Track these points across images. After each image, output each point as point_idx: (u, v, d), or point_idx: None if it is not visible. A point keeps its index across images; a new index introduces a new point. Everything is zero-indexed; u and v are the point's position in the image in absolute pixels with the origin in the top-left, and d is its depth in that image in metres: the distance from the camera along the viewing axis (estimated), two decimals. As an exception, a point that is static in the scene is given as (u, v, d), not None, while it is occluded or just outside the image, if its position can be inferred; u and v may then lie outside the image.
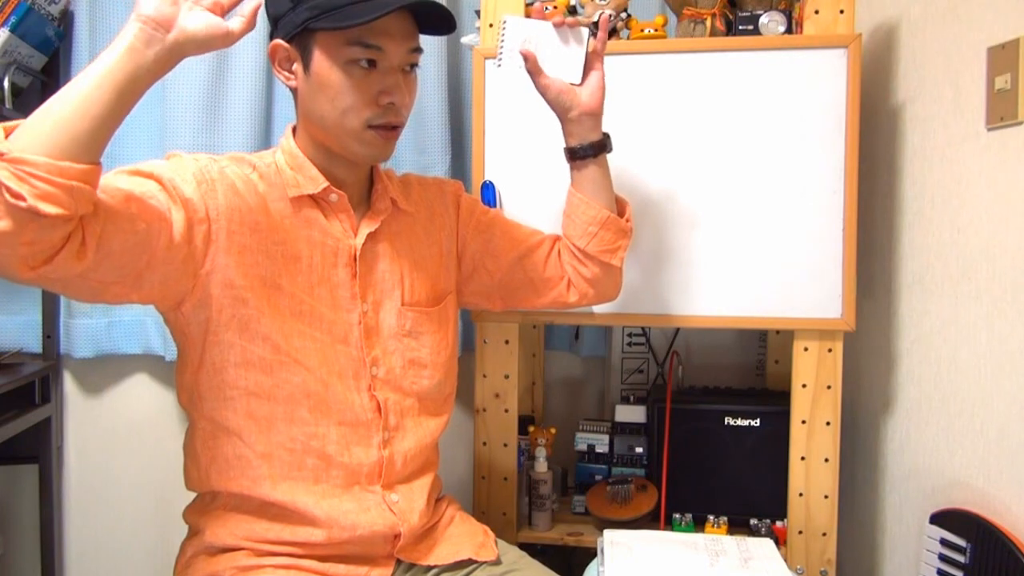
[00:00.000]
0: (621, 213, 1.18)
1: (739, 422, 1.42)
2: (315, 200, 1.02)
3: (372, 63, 0.96)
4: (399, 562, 1.07)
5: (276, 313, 0.97)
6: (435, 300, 1.13)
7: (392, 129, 1.00)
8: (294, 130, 1.05)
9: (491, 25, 1.35)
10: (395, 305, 1.07)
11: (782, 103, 1.27)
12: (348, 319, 1.03)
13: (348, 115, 0.96)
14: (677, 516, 1.42)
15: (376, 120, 0.97)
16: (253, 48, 1.62)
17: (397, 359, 1.07)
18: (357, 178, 1.07)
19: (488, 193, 1.33)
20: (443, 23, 1.01)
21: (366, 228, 1.05)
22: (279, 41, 0.99)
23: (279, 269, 0.98)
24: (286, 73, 1.01)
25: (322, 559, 1.01)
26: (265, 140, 1.66)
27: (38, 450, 1.71)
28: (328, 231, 1.02)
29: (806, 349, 1.31)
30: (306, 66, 0.97)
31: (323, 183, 1.01)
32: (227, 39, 0.83)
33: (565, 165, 1.32)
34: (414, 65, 1.01)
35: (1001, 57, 1.07)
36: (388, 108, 0.97)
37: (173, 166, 0.93)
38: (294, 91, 1.01)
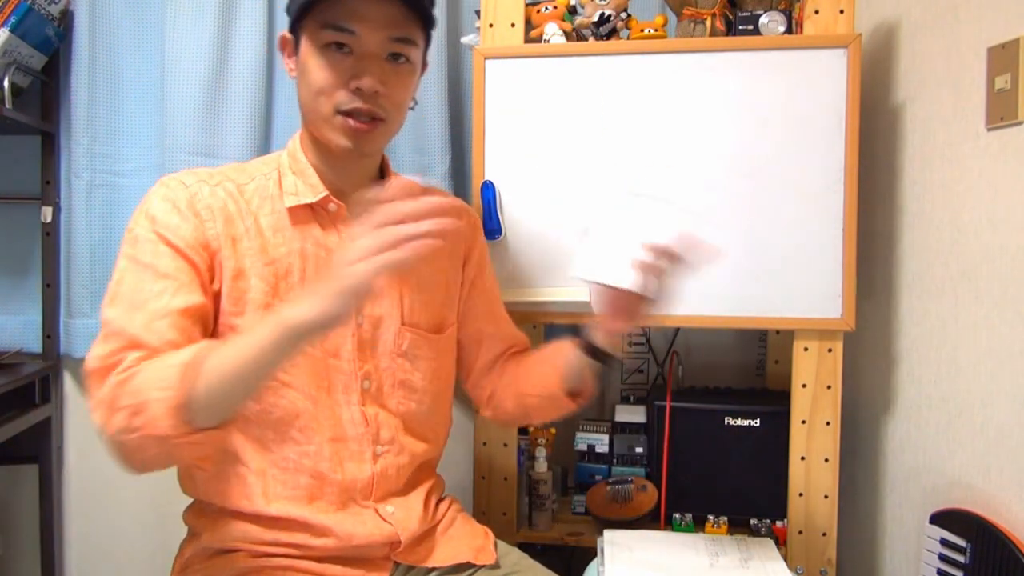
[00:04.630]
0: (578, 394, 1.11)
1: (739, 422, 1.41)
2: (313, 209, 1.01)
3: (348, 48, 0.94)
4: (396, 564, 1.06)
5: None
6: (436, 327, 1.12)
7: (368, 121, 0.95)
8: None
9: (491, 25, 1.35)
10: (394, 323, 1.06)
11: (782, 103, 1.27)
12: (341, 331, 1.01)
13: (320, 99, 0.95)
14: (677, 516, 1.42)
15: (345, 105, 0.94)
16: (253, 48, 1.62)
17: (388, 377, 1.05)
18: (358, 185, 1.04)
19: (488, 193, 1.33)
20: (421, 9, 0.96)
21: None
22: (284, 32, 1.00)
23: (270, 289, 0.97)
24: (290, 64, 1.01)
25: (319, 560, 1.01)
26: (265, 140, 1.66)
27: (38, 450, 1.71)
28: (323, 242, 1.01)
29: (806, 349, 1.31)
30: (297, 54, 0.98)
31: (322, 191, 1.00)
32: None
33: (564, 166, 1.32)
34: (400, 56, 0.96)
35: (1001, 57, 1.07)
36: (356, 93, 0.94)
37: (168, 215, 0.94)
38: None
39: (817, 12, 1.27)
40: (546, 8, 1.35)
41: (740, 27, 1.31)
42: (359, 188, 1.04)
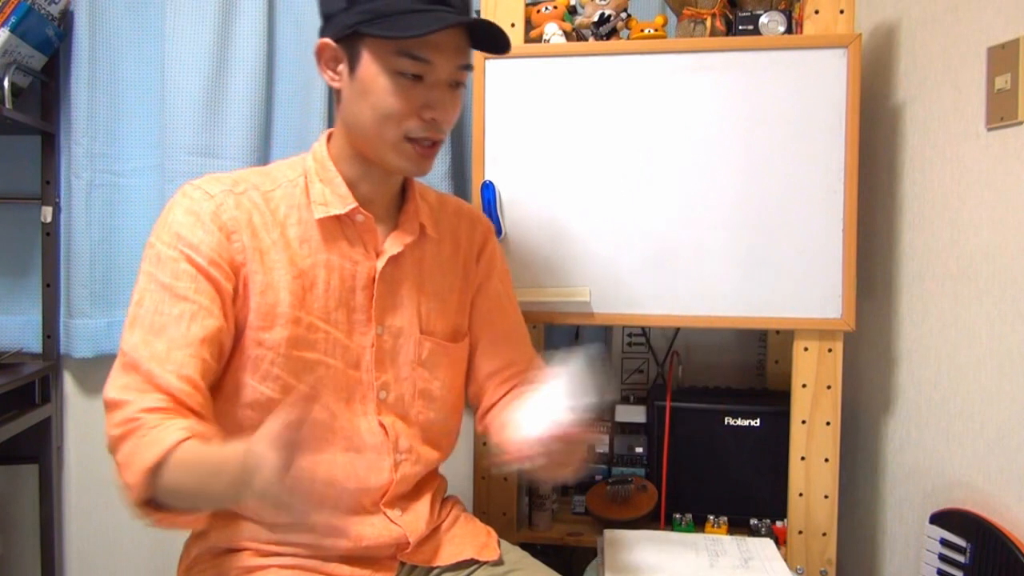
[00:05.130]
0: None
1: (739, 422, 1.41)
2: (340, 220, 1.00)
3: (419, 76, 0.93)
4: (403, 563, 1.07)
5: (289, 350, 0.96)
6: (452, 335, 1.11)
7: (431, 145, 0.97)
8: (331, 136, 1.03)
9: (491, 25, 1.35)
10: (414, 333, 1.05)
11: (782, 103, 1.27)
12: (362, 342, 1.01)
13: (387, 124, 0.94)
14: (677, 516, 1.42)
15: (415, 133, 0.95)
16: (253, 48, 1.62)
17: (408, 387, 1.05)
18: (386, 194, 1.04)
19: (488, 193, 1.33)
20: (498, 42, 0.97)
21: (389, 251, 1.02)
22: (328, 40, 0.96)
23: (297, 302, 0.97)
24: (331, 73, 0.98)
25: (326, 559, 1.01)
26: (265, 140, 1.66)
27: (38, 450, 1.71)
28: (349, 253, 1.00)
29: (806, 349, 1.31)
30: (352, 69, 0.95)
31: (351, 203, 0.99)
32: None
33: (564, 166, 1.32)
34: (460, 83, 0.97)
35: (1001, 57, 1.07)
36: (430, 123, 0.95)
37: (191, 230, 0.92)
38: (337, 93, 0.99)
39: (817, 12, 1.27)
40: (546, 8, 1.35)
41: (740, 27, 1.31)
42: (387, 197, 1.05)
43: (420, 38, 0.90)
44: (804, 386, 1.31)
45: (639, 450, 1.50)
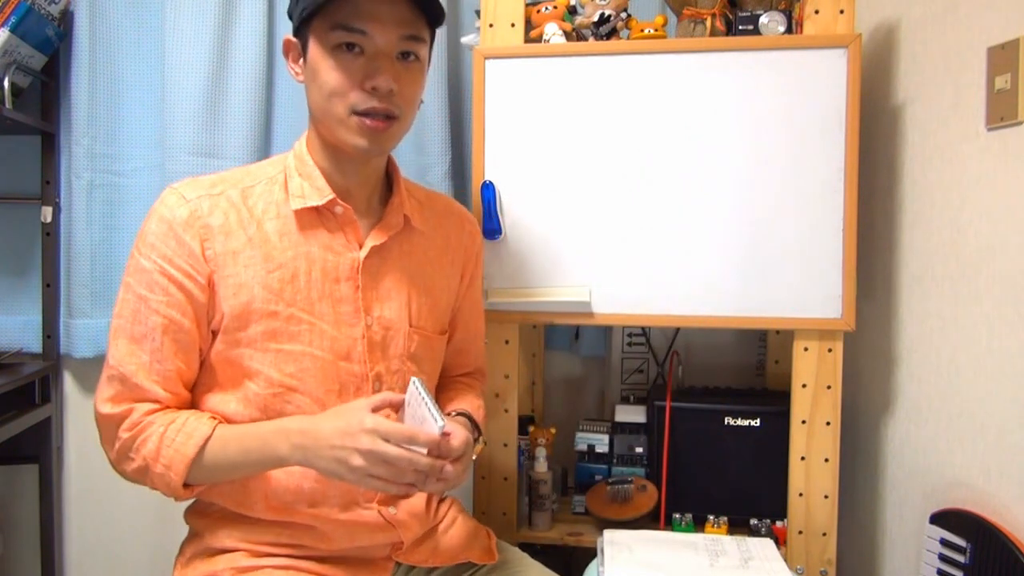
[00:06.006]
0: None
1: (739, 422, 1.42)
2: (319, 212, 1.00)
3: (359, 48, 0.94)
4: (398, 564, 1.06)
5: (268, 344, 0.97)
6: (440, 329, 1.13)
7: (383, 119, 0.95)
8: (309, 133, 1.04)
9: (491, 25, 1.35)
10: (404, 326, 1.06)
11: (782, 103, 1.27)
12: (351, 334, 1.01)
13: (333, 101, 0.94)
14: (677, 516, 1.42)
15: (360, 106, 0.94)
16: (253, 47, 1.62)
17: (399, 380, 1.05)
18: (365, 186, 1.04)
19: (488, 193, 1.33)
20: (430, 8, 0.97)
21: (372, 241, 1.02)
22: (288, 36, 1.00)
23: (274, 296, 0.97)
24: (295, 68, 1.01)
25: (320, 561, 1.01)
26: (265, 140, 1.66)
27: (38, 450, 1.71)
28: (330, 245, 1.01)
29: (806, 349, 1.31)
30: (305, 57, 0.97)
31: (328, 195, 0.99)
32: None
33: (564, 167, 1.32)
34: (410, 54, 0.96)
35: (1001, 57, 1.07)
36: (372, 93, 0.94)
37: (164, 240, 0.94)
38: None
39: (817, 12, 1.27)
40: (546, 8, 1.35)
41: (740, 27, 1.31)
42: (367, 189, 1.05)
43: (353, 9, 0.92)
44: (804, 386, 1.31)
45: (639, 450, 1.50)
